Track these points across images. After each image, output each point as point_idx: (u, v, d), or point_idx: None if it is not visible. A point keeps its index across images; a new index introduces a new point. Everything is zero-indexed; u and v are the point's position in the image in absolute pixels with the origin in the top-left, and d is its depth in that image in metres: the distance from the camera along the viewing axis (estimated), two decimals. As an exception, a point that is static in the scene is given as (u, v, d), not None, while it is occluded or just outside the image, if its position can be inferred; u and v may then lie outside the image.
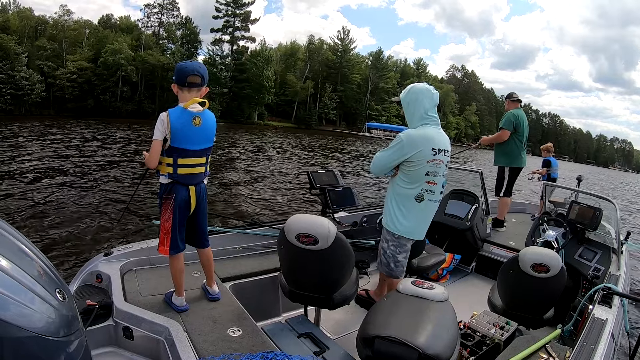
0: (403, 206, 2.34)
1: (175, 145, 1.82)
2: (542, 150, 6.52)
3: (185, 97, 1.88)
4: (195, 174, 1.92)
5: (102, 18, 45.26)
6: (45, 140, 15.17)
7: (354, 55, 60.66)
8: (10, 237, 0.92)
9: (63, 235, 5.26)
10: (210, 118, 1.94)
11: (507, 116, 4.32)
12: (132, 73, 38.61)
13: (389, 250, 2.44)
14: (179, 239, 1.94)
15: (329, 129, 54.51)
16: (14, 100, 32.79)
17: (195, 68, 1.89)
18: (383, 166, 2.37)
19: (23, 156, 11.08)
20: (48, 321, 0.82)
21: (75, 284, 2.11)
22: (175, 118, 1.81)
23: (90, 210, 6.53)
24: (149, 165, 1.86)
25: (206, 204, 2.06)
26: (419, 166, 2.25)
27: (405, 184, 2.31)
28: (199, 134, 1.89)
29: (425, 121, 2.31)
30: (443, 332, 1.48)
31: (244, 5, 48.66)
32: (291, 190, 9.87)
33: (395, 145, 2.29)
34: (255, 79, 46.21)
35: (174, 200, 1.87)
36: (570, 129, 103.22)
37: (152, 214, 6.48)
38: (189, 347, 1.63)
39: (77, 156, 12.00)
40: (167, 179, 1.88)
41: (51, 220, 5.79)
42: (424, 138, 2.26)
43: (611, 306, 2.12)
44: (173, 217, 1.88)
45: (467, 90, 75.93)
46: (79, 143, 15.46)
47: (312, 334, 1.95)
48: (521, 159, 4.36)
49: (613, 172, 69.27)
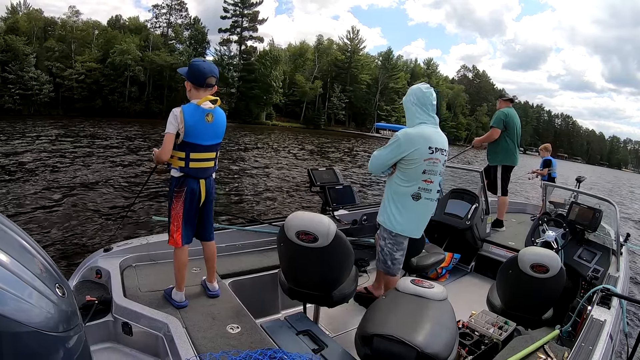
0: (400, 204, 2.35)
1: (188, 140, 1.89)
2: (541, 150, 6.52)
3: (199, 95, 1.95)
4: (206, 167, 2.00)
5: (111, 19, 45.41)
6: (50, 139, 15.22)
7: (363, 55, 60.42)
8: (10, 232, 0.92)
9: (63, 231, 5.27)
10: (221, 115, 2.01)
11: (497, 115, 4.35)
12: (140, 73, 38.78)
13: (385, 247, 2.45)
14: (189, 231, 2.01)
15: (337, 130, 54.36)
16: (23, 100, 33.12)
17: (213, 69, 1.98)
18: (381, 164, 2.39)
19: (28, 154, 11.12)
20: (47, 316, 0.82)
21: (75, 279, 2.12)
22: (189, 114, 1.87)
23: (90, 206, 6.54)
24: (162, 158, 1.90)
25: (213, 197, 2.10)
26: (416, 164, 2.27)
27: (402, 182, 2.33)
28: (210, 130, 1.96)
29: (422, 120, 2.33)
30: (442, 331, 1.48)
31: (252, 6, 48.55)
32: (292, 188, 9.87)
33: (393, 144, 2.31)
34: (263, 79, 46.11)
35: (185, 193, 1.94)
36: (583, 130, 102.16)
37: (151, 210, 6.50)
38: (188, 343, 1.63)
39: (81, 155, 12.00)
40: (178, 172, 1.95)
41: (51, 216, 5.80)
42: (421, 136, 2.28)
43: (610, 307, 2.12)
44: (184, 209, 1.95)
45: (478, 90, 75.19)
46: (84, 142, 15.47)
47: (311, 331, 1.96)
48: (513, 157, 4.37)
49: (626, 175, 68.12)
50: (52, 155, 11.18)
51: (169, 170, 1.99)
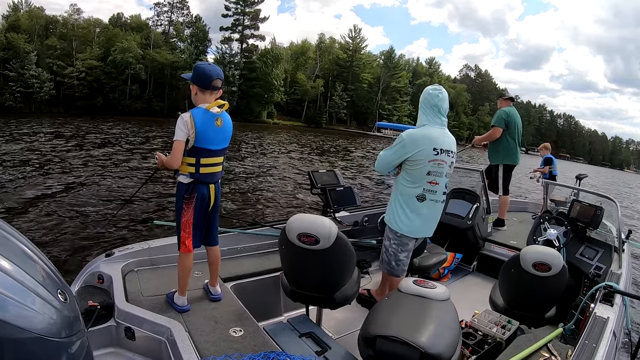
0: (405, 205, 2.36)
1: (199, 145, 1.87)
2: (541, 149, 6.54)
3: (206, 98, 1.93)
4: (215, 172, 1.99)
5: (113, 17, 45.43)
6: (51, 139, 15.25)
7: (365, 54, 60.42)
8: (11, 238, 0.92)
9: (64, 236, 5.27)
10: (228, 119, 2.00)
11: (498, 114, 4.35)
12: (141, 71, 38.94)
13: (390, 248, 2.46)
14: (199, 236, 2.01)
15: (339, 128, 54.31)
16: (24, 98, 33.41)
17: (219, 72, 1.96)
18: (386, 164, 2.40)
19: (27, 154, 11.13)
20: (50, 322, 0.82)
21: (77, 284, 2.12)
22: (199, 119, 1.85)
23: (92, 210, 6.54)
24: (172, 166, 1.87)
25: (219, 201, 2.11)
26: (420, 165, 2.27)
27: (408, 183, 2.34)
28: (220, 135, 1.95)
29: (428, 121, 2.33)
30: (445, 332, 1.47)
31: (253, 4, 48.70)
32: (293, 190, 9.87)
33: (398, 144, 2.33)
34: (264, 77, 46.20)
35: (196, 199, 1.92)
36: (586, 131, 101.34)
37: (153, 214, 6.50)
38: (191, 347, 1.63)
39: (83, 156, 11.99)
40: (188, 178, 1.92)
41: (53, 221, 5.80)
42: (426, 137, 2.28)
43: (613, 305, 2.11)
44: (195, 215, 1.93)
45: (480, 90, 74.81)
46: (85, 142, 15.50)
47: (313, 333, 1.95)
48: (515, 157, 4.37)
49: (627, 175, 67.37)
50: (52, 156, 11.17)
51: (177, 176, 1.95)
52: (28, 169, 9.40)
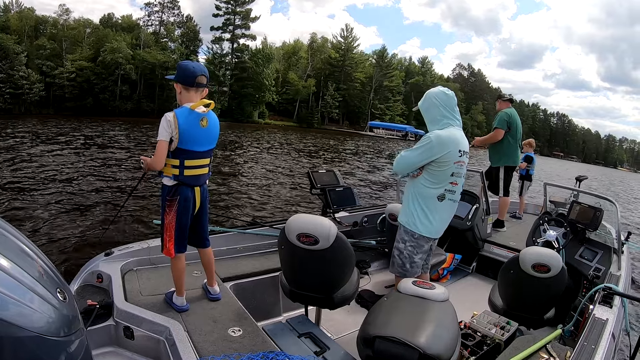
0: (426, 206, 2.30)
1: (183, 147, 1.80)
2: (524, 145, 6.36)
3: (191, 97, 1.87)
4: (201, 175, 1.92)
5: (104, 17, 45.13)
6: (43, 140, 15.15)
7: (357, 53, 60.18)
8: (11, 237, 0.92)
9: (64, 235, 5.26)
10: (215, 119, 1.94)
11: (500, 116, 4.34)
12: (131, 72, 38.55)
13: (405, 251, 2.37)
14: (183, 240, 1.94)
15: (331, 128, 54.05)
16: (13, 100, 33.04)
17: (203, 69, 1.91)
18: (408, 165, 2.31)
19: (21, 156, 11.08)
20: (49, 321, 0.82)
21: (76, 283, 2.11)
22: (183, 119, 1.78)
23: (91, 209, 6.53)
24: (155, 167, 1.81)
25: (207, 204, 2.06)
26: (446, 167, 2.23)
27: (430, 184, 2.28)
28: (205, 136, 1.88)
29: (448, 122, 2.29)
30: (443, 332, 1.47)
31: (244, 3, 48.43)
32: (292, 190, 9.87)
33: (425, 146, 2.24)
34: (256, 77, 45.91)
35: (178, 202, 1.85)
36: (579, 129, 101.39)
37: (153, 213, 6.49)
38: (190, 347, 1.63)
39: (77, 156, 11.99)
40: (172, 180, 1.85)
41: (52, 220, 5.79)
42: (452, 139, 2.24)
43: (612, 306, 2.11)
44: (177, 219, 1.87)
45: (473, 89, 74.79)
46: (78, 142, 15.43)
47: (312, 333, 1.95)
48: (516, 158, 4.39)
49: (620, 173, 67.55)
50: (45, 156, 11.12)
51: (161, 178, 1.88)
52: (28, 169, 9.39)
